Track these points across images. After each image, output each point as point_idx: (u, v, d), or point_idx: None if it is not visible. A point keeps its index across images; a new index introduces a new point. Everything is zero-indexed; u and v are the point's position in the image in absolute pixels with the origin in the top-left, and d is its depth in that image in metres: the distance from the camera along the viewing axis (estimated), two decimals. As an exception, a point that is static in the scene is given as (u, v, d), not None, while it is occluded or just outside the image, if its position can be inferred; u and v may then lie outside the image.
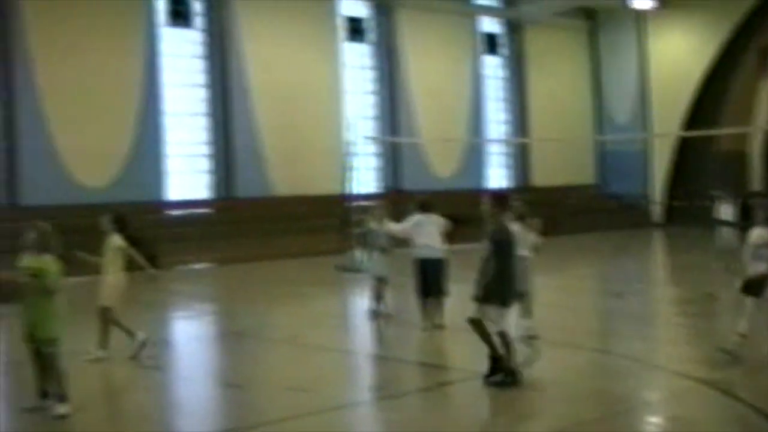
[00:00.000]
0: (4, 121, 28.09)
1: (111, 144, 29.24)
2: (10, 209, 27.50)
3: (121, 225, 13.60)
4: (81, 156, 28.43)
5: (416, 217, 15.21)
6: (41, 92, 28.17)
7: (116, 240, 13.39)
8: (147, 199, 29.87)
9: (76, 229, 17.07)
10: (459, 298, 13.84)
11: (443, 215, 15.46)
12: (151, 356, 13.34)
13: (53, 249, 10.40)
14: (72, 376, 10.56)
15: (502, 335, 11.20)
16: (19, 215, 26.00)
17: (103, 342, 13.18)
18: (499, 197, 11.77)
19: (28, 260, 10.33)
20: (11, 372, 13.31)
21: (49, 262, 10.27)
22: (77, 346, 12.40)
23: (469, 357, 12.62)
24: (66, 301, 10.45)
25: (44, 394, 10.41)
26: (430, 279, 15.05)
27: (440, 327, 15.01)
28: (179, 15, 32.07)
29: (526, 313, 13.99)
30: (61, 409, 10.19)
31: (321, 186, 32.64)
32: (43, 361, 10.33)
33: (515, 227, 12.29)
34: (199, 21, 32.68)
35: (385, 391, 11.61)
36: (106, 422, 10.76)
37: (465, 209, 17.34)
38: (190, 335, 17.23)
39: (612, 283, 23.21)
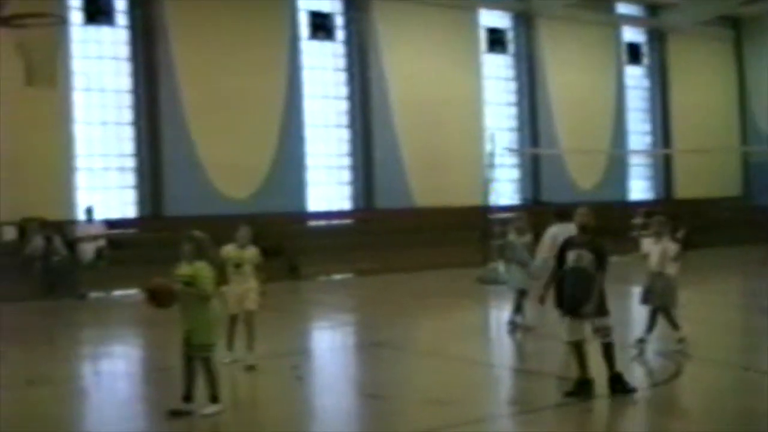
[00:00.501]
0: (148, 133, 28.79)
1: (253, 155, 29.69)
2: (154, 220, 28.18)
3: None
4: (223, 167, 28.95)
5: (552, 229, 15.00)
6: (185, 105, 28.79)
7: (254, 251, 13.67)
8: (288, 210, 30.24)
9: (219, 240, 17.31)
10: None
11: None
12: (294, 365, 13.47)
13: (208, 257, 10.77)
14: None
15: (609, 346, 11.11)
16: (162, 226, 26.70)
17: (250, 345, 13.52)
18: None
19: (183, 268, 10.67)
20: (159, 377, 13.68)
21: (203, 270, 10.60)
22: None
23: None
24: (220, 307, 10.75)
25: (188, 398, 10.67)
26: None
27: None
28: (320, 28, 32.42)
29: (674, 326, 13.81)
30: (211, 408, 10.60)
31: (461, 197, 32.54)
32: (197, 365, 10.66)
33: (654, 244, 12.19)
34: (339, 34, 33.00)
35: (524, 406, 11.49)
36: (246, 430, 10.94)
37: (607, 222, 17.03)
38: (330, 345, 17.34)
39: (758, 298, 22.55)
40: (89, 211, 26.05)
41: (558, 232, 14.64)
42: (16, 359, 14.65)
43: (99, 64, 28.58)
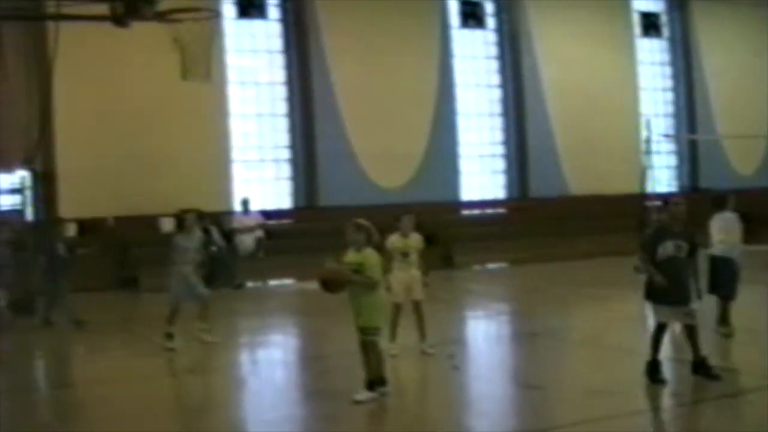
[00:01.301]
0: (302, 125, 29.11)
1: (406, 145, 29.71)
2: (309, 211, 28.49)
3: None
4: (377, 157, 29.06)
5: (719, 216, 14.51)
6: (338, 96, 29.01)
7: (418, 238, 13.65)
8: (441, 200, 30.18)
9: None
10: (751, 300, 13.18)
11: (741, 214, 14.68)
12: (450, 354, 13.38)
13: (375, 245, 10.98)
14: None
15: (693, 329, 11.39)
16: (317, 216, 26.95)
17: (423, 333, 13.59)
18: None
19: (351, 256, 10.87)
20: (315, 365, 13.77)
21: (369, 257, 10.82)
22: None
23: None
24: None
25: (372, 385, 10.87)
26: (721, 279, 14.31)
27: (727, 332, 14.29)
28: (471, 16, 32.26)
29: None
30: (365, 394, 10.78)
31: (616, 185, 31.91)
32: (365, 348, 10.89)
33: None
34: (490, 21, 32.77)
35: (683, 398, 11.15)
36: (407, 416, 10.92)
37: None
38: (486, 335, 17.21)
39: None
40: (245, 203, 26.46)
41: (720, 218, 14.27)
42: (177, 348, 14.92)
43: (252, 57, 29.04)
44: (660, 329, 11.52)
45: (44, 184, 25.45)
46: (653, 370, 11.32)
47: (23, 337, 17.74)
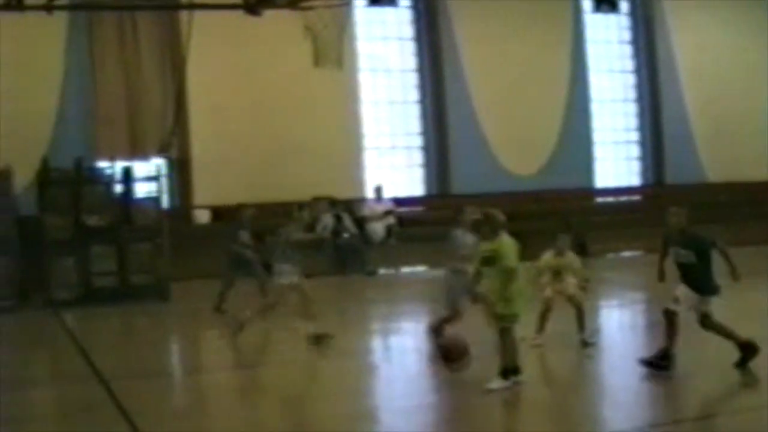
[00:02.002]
0: (434, 112, 29.02)
1: (538, 132, 29.36)
2: (441, 198, 28.37)
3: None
4: (509, 144, 28.78)
5: None
6: (469, 82, 28.80)
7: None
8: (575, 187, 29.74)
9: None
10: None
11: None
12: (583, 340, 13.09)
13: (502, 231, 10.84)
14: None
15: None
16: (449, 203, 26.76)
17: (581, 324, 13.41)
18: None
19: (486, 244, 10.89)
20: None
21: (503, 245, 10.71)
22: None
23: None
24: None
25: (506, 373, 10.74)
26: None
27: None
28: (604, 1, 31.67)
29: None
30: (498, 383, 10.65)
31: (755, 172, 31.03)
32: (502, 335, 10.78)
33: None
34: (624, 6, 32.14)
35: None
36: (540, 405, 10.74)
37: None
38: (619, 324, 16.86)
39: None
40: (378, 190, 26.49)
41: None
42: (306, 334, 14.94)
43: (383, 44, 29.04)
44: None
45: (179, 172, 25.86)
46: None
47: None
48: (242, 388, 11.90)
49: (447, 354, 10.99)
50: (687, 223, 11.99)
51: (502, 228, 10.87)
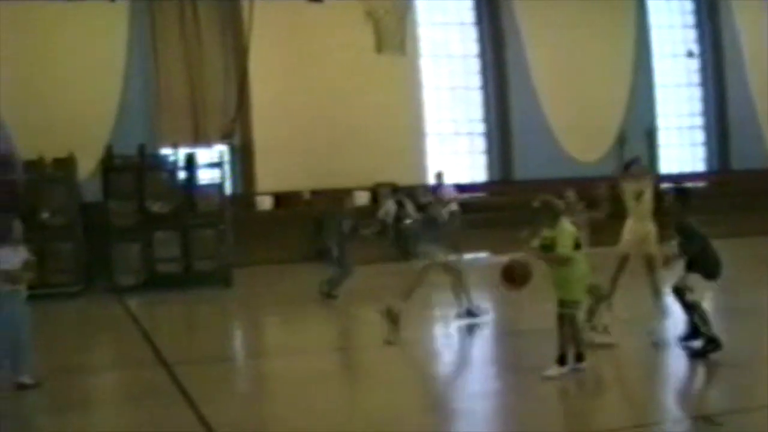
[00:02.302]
0: (496, 97, 28.85)
1: (602, 117, 29.06)
2: (503, 184, 28.21)
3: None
4: (572, 130, 28.54)
5: None
6: (532, 68, 28.58)
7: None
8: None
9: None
10: None
11: None
12: (649, 330, 12.89)
13: (563, 212, 10.86)
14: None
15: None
16: (512, 189, 26.64)
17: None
18: None
19: (546, 231, 10.71)
20: (510, 340, 13.56)
21: (562, 233, 10.62)
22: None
23: None
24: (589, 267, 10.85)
25: (563, 360, 10.64)
26: None
27: None
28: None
29: None
30: (555, 370, 10.54)
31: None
32: (563, 322, 10.67)
33: None
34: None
35: None
36: (601, 393, 10.64)
37: None
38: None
39: None
40: (439, 176, 26.35)
41: None
42: (371, 320, 14.92)
43: (445, 29, 28.90)
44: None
45: (242, 159, 25.95)
46: None
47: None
48: (304, 373, 11.85)
49: (509, 273, 10.81)
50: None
51: (562, 215, 10.76)
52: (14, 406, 10.95)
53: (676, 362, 11.86)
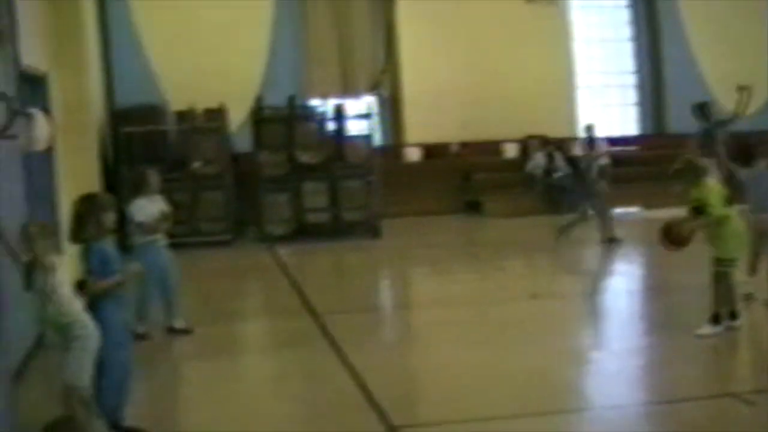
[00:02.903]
0: (648, 49, 28.15)
1: (758, 69, 27.99)
2: (656, 137, 27.56)
3: None
4: (727, 82, 27.47)
5: None
6: (685, 18, 27.62)
7: None
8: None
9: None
10: None
11: None
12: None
13: (706, 177, 10.47)
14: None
15: None
16: (665, 143, 25.97)
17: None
18: None
19: (694, 191, 10.40)
20: (661, 296, 13.26)
21: (708, 192, 10.32)
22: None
23: None
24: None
25: (717, 318, 10.37)
26: None
27: None
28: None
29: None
30: (709, 329, 10.28)
31: None
32: (718, 280, 10.39)
33: None
34: None
35: None
36: (753, 352, 10.36)
37: None
38: None
39: None
40: (590, 129, 25.85)
41: None
42: (519, 273, 14.79)
43: (596, -21, 28.35)
44: None
45: (390, 110, 25.93)
46: None
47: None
48: (451, 324, 11.82)
49: (669, 233, 10.54)
50: None
51: (705, 174, 10.44)
52: (165, 352, 11.20)
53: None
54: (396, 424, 7.97)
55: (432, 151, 25.01)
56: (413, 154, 25.10)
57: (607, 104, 28.43)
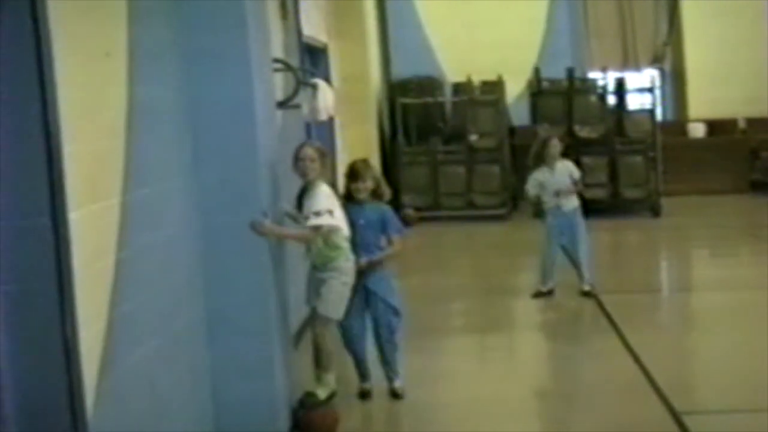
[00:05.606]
0: None
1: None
2: None
3: None
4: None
5: None
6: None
7: None
8: None
9: None
10: None
11: None
12: None
13: None
14: None
15: None
16: None
17: None
18: None
19: None
20: None
21: None
22: None
23: None
24: None
25: None
26: None
27: None
28: None
29: None
30: None
31: None
32: None
33: None
34: None
35: None
36: None
37: None
38: None
39: None
40: None
41: None
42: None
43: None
44: None
45: (673, 84, 25.06)
46: None
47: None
48: (733, 308, 11.24)
49: None
50: None
51: None
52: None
53: None
54: (680, 410, 7.65)
55: (717, 127, 23.98)
56: (697, 131, 24.12)
57: None
